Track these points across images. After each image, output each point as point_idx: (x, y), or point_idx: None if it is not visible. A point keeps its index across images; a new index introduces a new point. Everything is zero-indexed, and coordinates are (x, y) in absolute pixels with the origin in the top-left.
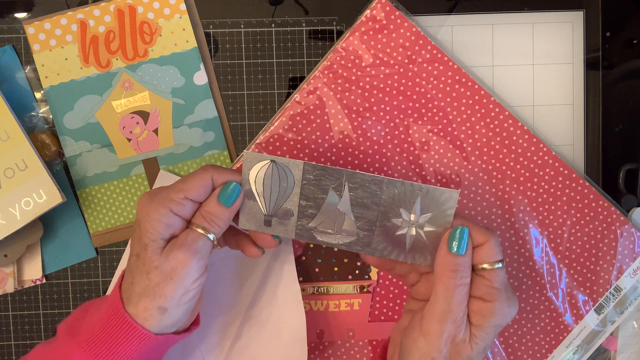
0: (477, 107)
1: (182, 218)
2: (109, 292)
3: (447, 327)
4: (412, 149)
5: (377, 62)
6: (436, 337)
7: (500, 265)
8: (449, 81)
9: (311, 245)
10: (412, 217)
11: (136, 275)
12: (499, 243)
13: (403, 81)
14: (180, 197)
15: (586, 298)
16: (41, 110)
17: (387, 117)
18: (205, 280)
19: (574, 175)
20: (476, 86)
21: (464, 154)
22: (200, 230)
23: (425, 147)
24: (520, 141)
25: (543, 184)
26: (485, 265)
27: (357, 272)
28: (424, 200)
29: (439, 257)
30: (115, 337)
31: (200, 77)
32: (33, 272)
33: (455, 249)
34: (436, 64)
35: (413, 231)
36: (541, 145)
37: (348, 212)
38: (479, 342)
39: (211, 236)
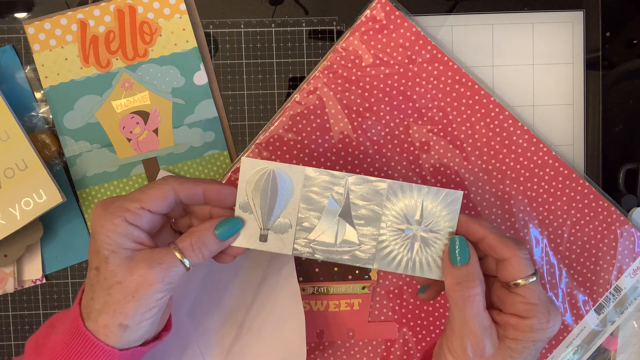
0: (477, 107)
1: (139, 228)
2: None
3: (469, 341)
4: (412, 149)
5: (377, 62)
6: (461, 352)
7: (534, 279)
8: (449, 81)
9: None
10: (416, 222)
11: (96, 290)
12: (527, 255)
13: (403, 81)
14: (136, 207)
15: (586, 298)
16: (41, 110)
17: (387, 117)
18: (171, 295)
19: (574, 175)
20: (476, 86)
21: (464, 154)
22: (178, 255)
23: (425, 147)
24: (520, 141)
25: (543, 184)
26: (519, 281)
27: (357, 272)
28: (426, 203)
29: (444, 271)
30: (79, 355)
31: (200, 77)
32: (33, 272)
33: (456, 261)
34: (436, 64)
35: (417, 238)
36: (541, 145)
37: (349, 220)
38: (514, 356)
39: (187, 263)
